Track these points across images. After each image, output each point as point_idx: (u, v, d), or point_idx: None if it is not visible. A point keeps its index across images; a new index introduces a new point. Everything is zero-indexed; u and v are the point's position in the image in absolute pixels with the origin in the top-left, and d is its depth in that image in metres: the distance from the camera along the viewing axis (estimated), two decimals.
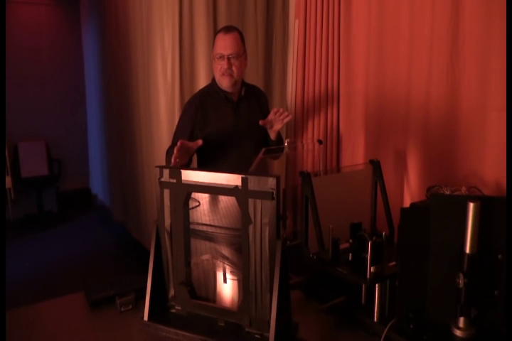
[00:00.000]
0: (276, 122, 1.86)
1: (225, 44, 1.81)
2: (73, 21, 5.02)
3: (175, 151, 1.53)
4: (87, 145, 5.06)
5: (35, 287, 3.07)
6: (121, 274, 3.25)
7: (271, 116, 1.85)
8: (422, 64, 1.88)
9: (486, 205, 0.99)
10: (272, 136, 1.93)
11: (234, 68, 1.83)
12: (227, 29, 1.85)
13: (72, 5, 4.97)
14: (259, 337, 1.04)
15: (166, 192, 1.13)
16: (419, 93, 1.91)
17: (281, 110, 1.83)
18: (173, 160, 1.54)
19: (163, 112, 2.73)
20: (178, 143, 1.55)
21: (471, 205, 0.98)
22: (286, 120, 1.84)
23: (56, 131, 5.11)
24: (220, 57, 1.82)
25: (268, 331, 0.99)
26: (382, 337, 1.07)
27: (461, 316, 1.03)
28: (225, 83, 1.86)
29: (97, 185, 4.84)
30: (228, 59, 1.81)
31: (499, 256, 1.01)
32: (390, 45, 2.05)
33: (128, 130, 3.49)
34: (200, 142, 1.65)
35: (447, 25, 1.75)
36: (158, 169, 1.14)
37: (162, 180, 1.13)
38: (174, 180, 1.11)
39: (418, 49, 1.89)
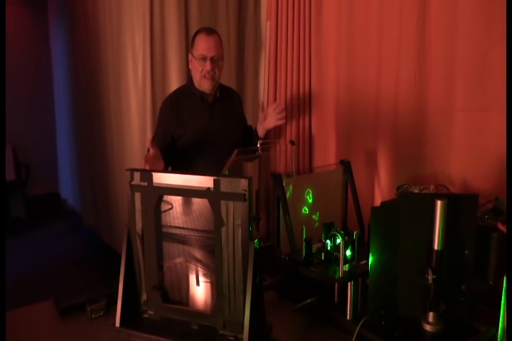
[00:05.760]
0: (271, 116, 1.96)
1: (208, 46, 1.79)
2: (40, 22, 4.90)
3: (146, 166, 1.65)
4: (56, 149, 4.92)
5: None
6: (92, 280, 3.17)
7: (270, 109, 1.97)
8: (390, 66, 1.92)
9: (453, 203, 1.02)
10: (261, 132, 2.03)
11: (216, 70, 1.82)
12: (210, 31, 1.84)
13: (39, 5, 4.84)
14: (233, 338, 1.03)
15: (137, 196, 1.12)
16: (388, 94, 1.94)
17: (279, 108, 1.97)
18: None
19: (134, 115, 2.69)
20: (144, 161, 1.67)
21: (439, 203, 1.01)
22: (278, 122, 1.98)
23: (23, 134, 4.96)
24: (203, 59, 1.80)
25: (242, 333, 0.99)
26: (355, 334, 1.08)
27: (430, 311, 1.06)
28: (206, 85, 1.85)
29: (67, 190, 4.72)
30: (211, 61, 1.80)
31: (466, 252, 1.05)
32: (359, 47, 2.08)
33: (98, 133, 3.43)
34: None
35: (414, 29, 1.79)
36: (128, 172, 1.12)
37: (133, 183, 1.12)
38: (145, 183, 1.10)
39: (387, 52, 1.93)
